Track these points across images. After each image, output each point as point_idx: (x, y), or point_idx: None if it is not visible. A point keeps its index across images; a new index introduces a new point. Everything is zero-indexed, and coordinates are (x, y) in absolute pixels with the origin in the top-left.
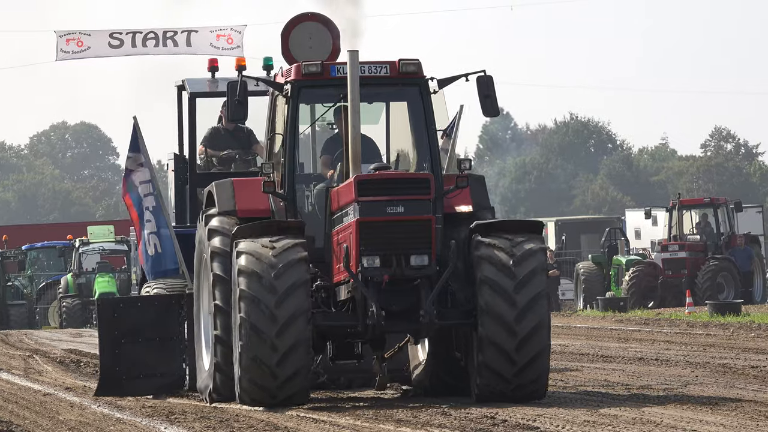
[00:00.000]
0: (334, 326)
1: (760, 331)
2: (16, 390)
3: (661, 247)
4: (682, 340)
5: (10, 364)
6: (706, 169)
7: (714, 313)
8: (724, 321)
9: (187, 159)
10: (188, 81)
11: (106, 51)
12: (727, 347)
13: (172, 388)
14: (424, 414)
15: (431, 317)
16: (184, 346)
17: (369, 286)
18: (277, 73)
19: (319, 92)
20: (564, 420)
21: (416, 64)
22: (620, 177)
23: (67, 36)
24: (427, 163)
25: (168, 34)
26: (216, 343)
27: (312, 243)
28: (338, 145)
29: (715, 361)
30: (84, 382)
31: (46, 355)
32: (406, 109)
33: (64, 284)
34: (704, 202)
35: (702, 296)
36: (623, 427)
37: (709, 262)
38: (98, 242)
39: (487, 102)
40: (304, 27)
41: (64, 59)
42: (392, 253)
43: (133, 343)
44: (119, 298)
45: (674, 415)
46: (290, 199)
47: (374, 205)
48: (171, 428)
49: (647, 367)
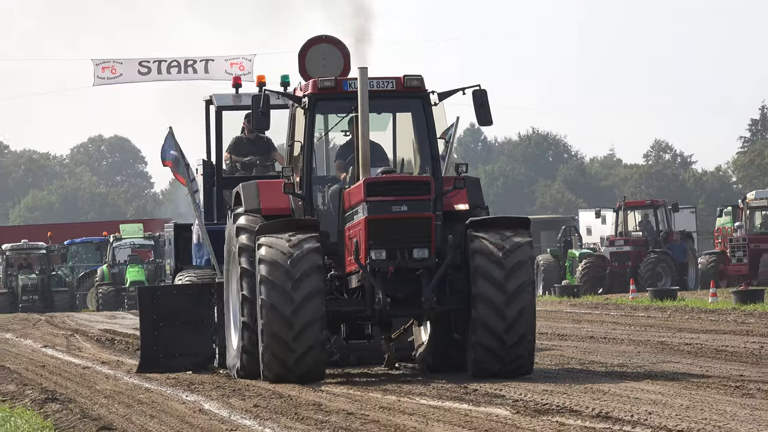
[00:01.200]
0: (346, 311)
1: (693, 313)
2: (59, 364)
3: (609, 242)
4: (627, 322)
5: (54, 341)
6: (648, 175)
7: (654, 298)
8: (663, 305)
9: (214, 164)
10: (215, 96)
11: (136, 77)
12: (665, 327)
13: (204, 365)
14: (408, 385)
15: (431, 303)
16: (213, 329)
17: (376, 276)
18: (296, 88)
19: (333, 104)
20: (525, 389)
21: (419, 79)
22: (574, 182)
23: (102, 64)
24: (429, 167)
25: (189, 62)
26: (243, 329)
27: (327, 238)
28: (350, 151)
29: (655, 339)
30: (117, 357)
31: (85, 334)
32: (410, 118)
33: (100, 274)
34: (646, 203)
35: (643, 284)
36: (576, 395)
37: (650, 255)
38: (129, 238)
39: (481, 112)
40: (318, 48)
41: (100, 84)
42: (397, 247)
43: (169, 326)
44: (157, 287)
45: (620, 384)
46: (307, 199)
47: (381, 204)
48: (191, 396)
49: (597, 345)
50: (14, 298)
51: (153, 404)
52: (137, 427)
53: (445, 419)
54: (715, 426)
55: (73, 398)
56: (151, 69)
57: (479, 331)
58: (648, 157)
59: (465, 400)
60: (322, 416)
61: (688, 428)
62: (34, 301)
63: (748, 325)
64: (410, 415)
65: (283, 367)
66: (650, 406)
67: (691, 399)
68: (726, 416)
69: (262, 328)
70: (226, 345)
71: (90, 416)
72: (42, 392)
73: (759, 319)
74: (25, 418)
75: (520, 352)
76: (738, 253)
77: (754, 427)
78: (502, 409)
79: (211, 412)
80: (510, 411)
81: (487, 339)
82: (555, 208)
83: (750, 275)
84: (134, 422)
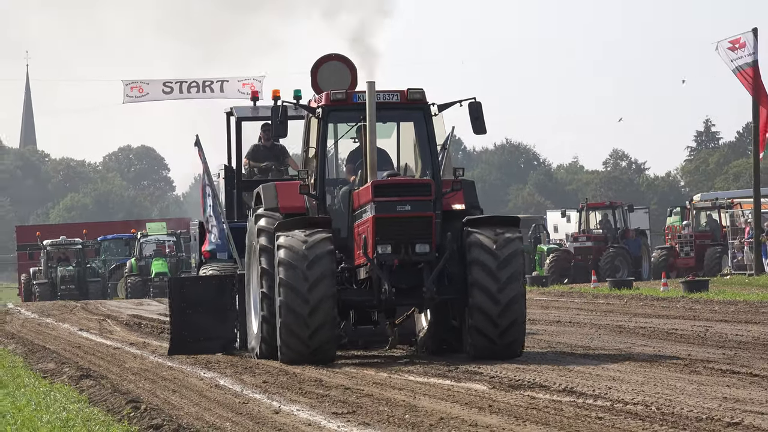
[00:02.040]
0: (356, 300)
1: (647, 301)
2: (93, 345)
3: (573, 238)
4: (589, 308)
5: (89, 325)
6: (607, 180)
7: (612, 287)
8: (620, 293)
9: (234, 169)
10: (235, 108)
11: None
12: (622, 313)
13: (227, 348)
14: (398, 365)
15: (432, 293)
16: (236, 315)
17: (382, 269)
18: (311, 100)
19: (344, 114)
20: (501, 368)
21: (421, 92)
22: (543, 186)
23: (131, 84)
24: (429, 171)
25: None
26: (262, 322)
27: (338, 234)
28: (359, 156)
29: (613, 324)
30: (144, 339)
31: (116, 318)
32: (412, 127)
33: (129, 266)
34: (605, 204)
35: (603, 275)
36: (545, 372)
37: (609, 250)
38: (154, 234)
39: (477, 123)
40: (329, 65)
41: (129, 102)
42: (401, 243)
43: (196, 312)
44: (186, 277)
45: (583, 362)
46: (321, 199)
47: (387, 204)
48: (208, 373)
49: (563, 328)
50: (54, 288)
51: (175, 380)
52: (161, 400)
53: (431, 393)
54: (666, 399)
55: (105, 375)
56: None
57: (475, 315)
58: (607, 164)
59: (448, 377)
60: (322, 390)
61: (642, 401)
62: (71, 290)
63: (695, 311)
64: (400, 389)
65: (299, 358)
66: (610, 381)
67: (646, 376)
68: (676, 391)
69: (281, 326)
70: (247, 330)
71: (120, 391)
72: (78, 370)
73: (704, 305)
74: (63, 392)
75: (512, 334)
76: (686, 248)
77: (701, 401)
78: (480, 385)
79: (225, 387)
80: (487, 386)
81: (483, 322)
82: (526, 209)
83: (696, 267)
84: (158, 396)
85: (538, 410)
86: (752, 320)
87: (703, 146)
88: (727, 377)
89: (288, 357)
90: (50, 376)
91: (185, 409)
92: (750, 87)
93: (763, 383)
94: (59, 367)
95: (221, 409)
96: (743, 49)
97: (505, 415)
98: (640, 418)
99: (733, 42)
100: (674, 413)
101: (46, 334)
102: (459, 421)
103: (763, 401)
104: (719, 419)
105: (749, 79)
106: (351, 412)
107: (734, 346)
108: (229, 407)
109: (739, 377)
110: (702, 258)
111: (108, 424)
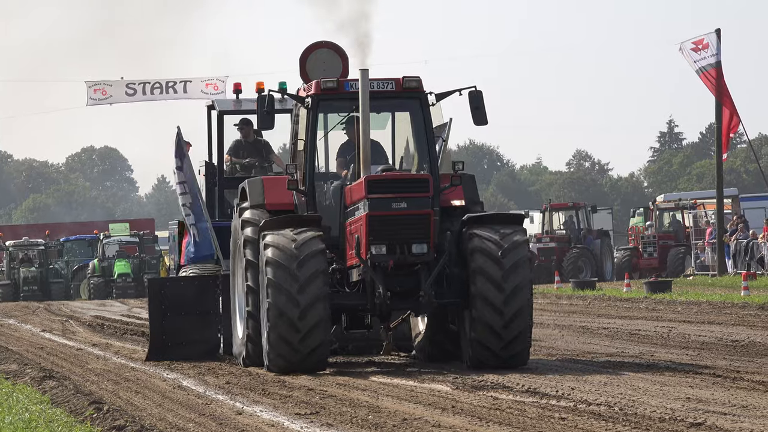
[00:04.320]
0: (347, 304)
1: (610, 302)
2: (55, 346)
3: (537, 239)
4: (552, 308)
5: (51, 326)
6: (570, 181)
7: (576, 288)
8: (583, 294)
9: (216, 166)
10: (217, 101)
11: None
12: (585, 313)
13: (209, 353)
14: (361, 366)
15: (430, 297)
16: (219, 319)
17: (376, 271)
18: (299, 89)
19: (335, 104)
20: (464, 368)
21: (417, 80)
22: (506, 187)
23: (94, 86)
24: (427, 165)
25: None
26: (248, 318)
27: (328, 232)
28: (351, 149)
29: (577, 324)
30: (106, 340)
31: (78, 319)
32: (408, 118)
33: (92, 267)
34: (568, 205)
35: (567, 275)
36: (508, 373)
37: (572, 250)
38: (117, 236)
39: (477, 113)
40: (318, 53)
41: (93, 105)
42: (396, 242)
43: (177, 315)
44: (166, 278)
45: (546, 363)
46: (310, 195)
47: (381, 201)
48: (171, 374)
49: None
50: (16, 289)
51: (138, 381)
52: (124, 401)
53: (394, 394)
54: (629, 400)
55: (67, 376)
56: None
57: (478, 327)
58: (570, 164)
59: (412, 378)
60: (285, 391)
61: (605, 402)
62: (33, 291)
63: (658, 311)
64: (363, 390)
65: (288, 364)
66: (573, 382)
67: (609, 376)
68: (639, 391)
69: (268, 330)
70: (232, 334)
71: (82, 392)
72: (40, 371)
73: (667, 306)
74: (25, 393)
75: (516, 348)
76: (649, 248)
77: (664, 401)
78: (444, 386)
79: (188, 388)
80: (450, 387)
81: (486, 336)
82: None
83: (659, 268)
84: (121, 397)
85: (501, 411)
86: (715, 321)
87: (666, 147)
88: (690, 378)
89: (276, 364)
90: (13, 377)
91: (148, 410)
92: (713, 88)
93: (726, 384)
94: (22, 368)
95: (184, 410)
96: (706, 50)
97: (468, 416)
98: (603, 419)
99: (697, 43)
100: (637, 414)
101: (9, 336)
102: (422, 421)
103: (725, 401)
104: (682, 419)
105: (712, 80)
106: (314, 413)
107: (697, 346)
108: (192, 408)
109: (702, 378)
110: (665, 259)
111: (71, 425)
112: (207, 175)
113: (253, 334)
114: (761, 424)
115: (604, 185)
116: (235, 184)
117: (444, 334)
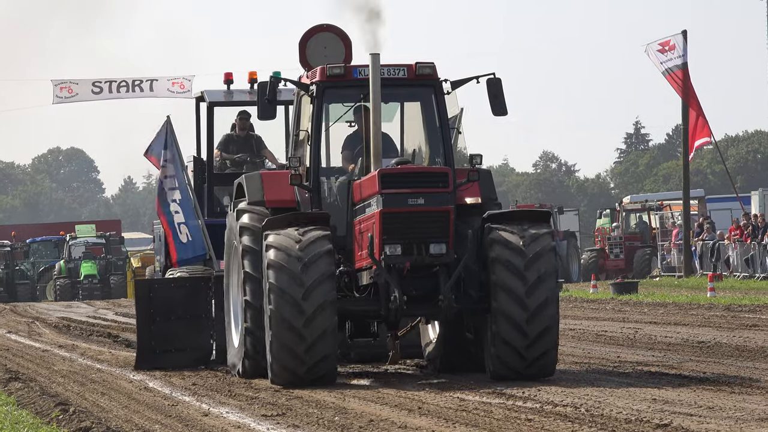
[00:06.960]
0: (358, 310)
1: (577, 302)
2: (21, 347)
3: None
4: None
5: (17, 327)
6: (537, 182)
7: None
8: None
9: (205, 161)
10: (207, 92)
11: (90, 96)
12: None
13: (201, 361)
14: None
15: (449, 301)
16: (211, 324)
17: (391, 273)
18: (302, 75)
19: (342, 92)
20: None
21: (431, 66)
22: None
23: (60, 84)
24: (440, 158)
25: (135, 82)
26: (246, 334)
27: (334, 231)
28: (358, 142)
29: None
30: (73, 342)
31: (44, 321)
32: (419, 108)
33: (58, 268)
34: (535, 207)
35: None
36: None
37: None
38: (83, 237)
39: (496, 102)
40: (320, 37)
41: (59, 103)
42: (413, 242)
43: (166, 320)
44: (154, 279)
45: None
46: (315, 191)
47: (397, 197)
48: (138, 375)
49: None
50: None
51: (104, 383)
52: (90, 403)
53: (360, 396)
54: (596, 401)
55: (33, 377)
56: (103, 89)
57: (499, 321)
58: (537, 166)
59: (378, 380)
60: (252, 393)
61: (572, 403)
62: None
63: (625, 312)
64: (329, 392)
65: (293, 377)
66: (539, 383)
67: (575, 377)
68: (605, 392)
69: (271, 339)
70: (226, 343)
71: (48, 393)
72: (6, 372)
73: (634, 307)
74: None
75: (543, 345)
76: (615, 249)
77: (630, 402)
78: (410, 387)
79: (155, 389)
80: (416, 389)
81: (508, 330)
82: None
83: (626, 269)
84: (87, 399)
85: (467, 412)
86: (681, 322)
87: (632, 148)
88: (657, 379)
89: (280, 377)
90: None
91: (114, 411)
92: (679, 89)
93: (692, 385)
94: None
95: (150, 412)
96: (673, 51)
97: (435, 417)
98: (569, 420)
99: (663, 44)
100: (603, 415)
101: None
102: (389, 423)
103: (691, 402)
104: (648, 421)
105: (679, 81)
106: (281, 415)
107: (663, 347)
108: (159, 410)
109: (668, 379)
110: (631, 260)
111: (37, 426)
112: (195, 170)
113: (251, 351)
114: (727, 425)
115: (571, 186)
116: (226, 180)
117: (460, 343)
